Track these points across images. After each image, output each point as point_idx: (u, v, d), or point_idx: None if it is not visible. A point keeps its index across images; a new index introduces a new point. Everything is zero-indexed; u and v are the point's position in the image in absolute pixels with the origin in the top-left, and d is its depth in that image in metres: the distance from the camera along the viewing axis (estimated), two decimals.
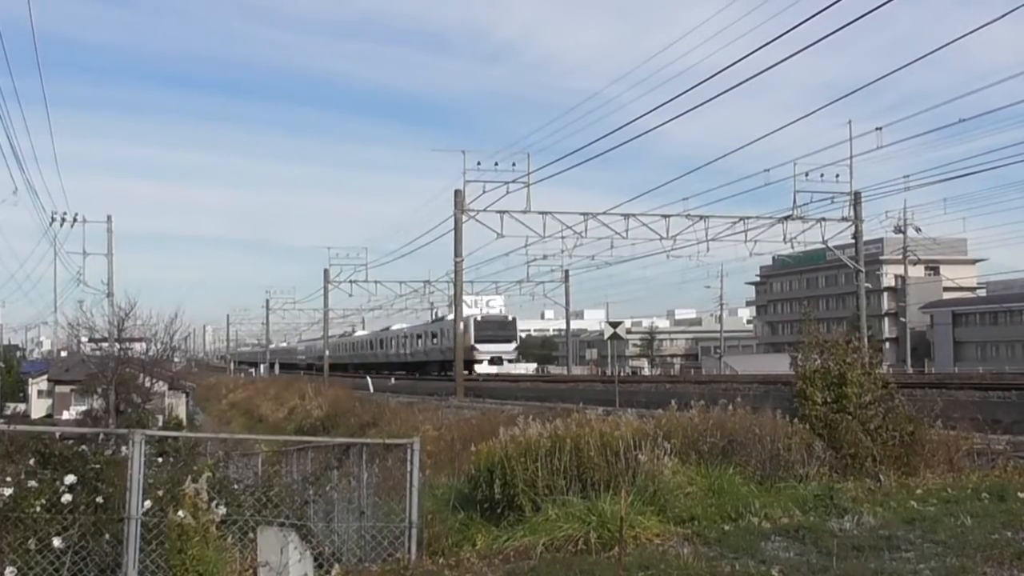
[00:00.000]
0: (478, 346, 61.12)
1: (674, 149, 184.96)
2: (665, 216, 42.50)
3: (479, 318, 63.98)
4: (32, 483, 8.26)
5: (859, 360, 12.71)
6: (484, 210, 40.47)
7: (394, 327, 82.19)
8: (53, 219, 47.42)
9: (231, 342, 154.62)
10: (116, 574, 7.98)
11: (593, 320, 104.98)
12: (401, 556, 8.67)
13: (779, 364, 60.58)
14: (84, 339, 47.33)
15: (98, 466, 8.69)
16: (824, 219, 42.74)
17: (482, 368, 61.02)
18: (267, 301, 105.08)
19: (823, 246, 45.89)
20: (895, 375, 24.03)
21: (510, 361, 64.11)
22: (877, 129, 36.91)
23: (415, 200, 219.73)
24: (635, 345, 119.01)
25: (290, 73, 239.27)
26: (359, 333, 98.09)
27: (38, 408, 54.69)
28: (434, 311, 77.87)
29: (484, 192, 40.14)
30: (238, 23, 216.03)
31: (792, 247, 45.96)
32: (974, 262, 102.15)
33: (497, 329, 63.62)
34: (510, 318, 67.43)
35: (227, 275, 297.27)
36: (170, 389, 52.29)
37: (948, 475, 11.61)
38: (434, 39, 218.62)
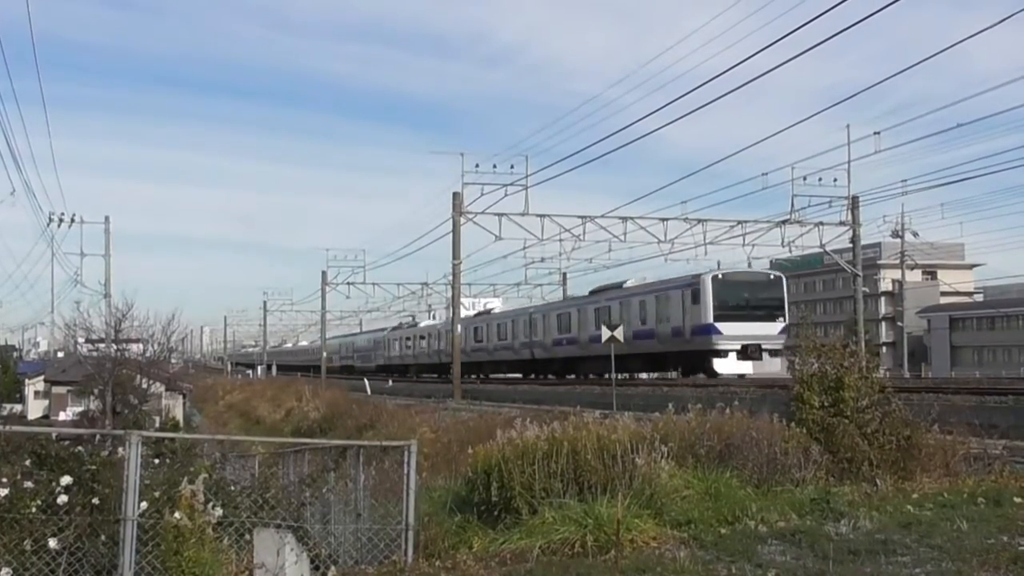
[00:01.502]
0: (720, 327, 35.20)
1: (673, 152, 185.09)
2: (663, 219, 42.67)
3: (719, 275, 36.81)
4: (28, 484, 8.24)
5: (856, 364, 12.73)
6: (482, 212, 40.57)
7: (496, 309, 58.79)
8: (51, 220, 47.46)
9: (228, 343, 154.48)
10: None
11: None
12: (397, 558, 8.68)
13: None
14: (81, 340, 47.38)
15: (94, 467, 8.67)
16: (822, 223, 42.99)
17: (726, 366, 34.87)
18: (264, 303, 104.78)
19: (821, 250, 46.06)
20: (892, 379, 23.97)
21: (774, 353, 35.71)
22: (875, 133, 37.30)
23: (413, 202, 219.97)
24: None
25: (290, 75, 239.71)
26: (428, 323, 70.68)
27: (35, 409, 54.77)
28: (431, 312, 76.64)
29: (482, 195, 40.17)
30: (237, 25, 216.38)
31: (790, 251, 46.21)
32: (971, 267, 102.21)
33: (752, 297, 36.78)
34: (773, 276, 38.74)
35: (225, 276, 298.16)
36: (167, 390, 52.32)
37: (944, 479, 11.61)
38: (435, 42, 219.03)
